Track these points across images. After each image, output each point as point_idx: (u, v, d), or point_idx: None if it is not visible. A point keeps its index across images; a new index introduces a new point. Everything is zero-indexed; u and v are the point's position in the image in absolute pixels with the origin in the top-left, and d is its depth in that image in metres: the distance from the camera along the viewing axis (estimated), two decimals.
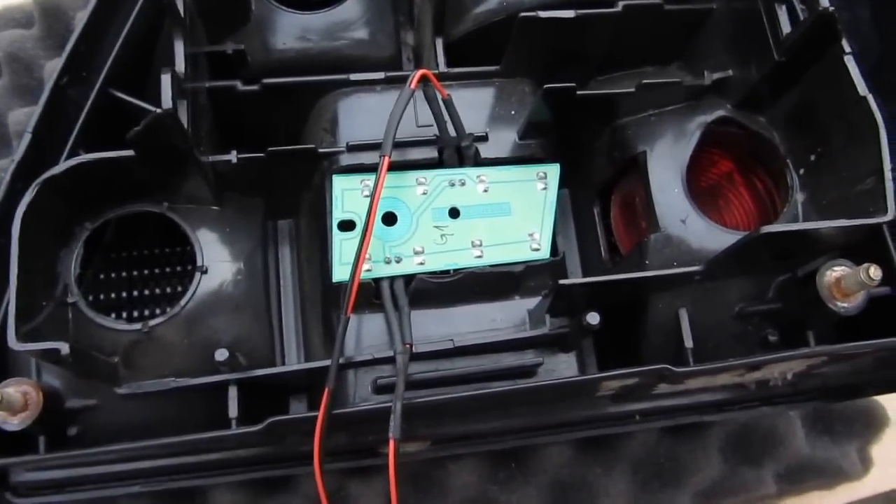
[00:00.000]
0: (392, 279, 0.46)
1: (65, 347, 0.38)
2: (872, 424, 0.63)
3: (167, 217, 0.46)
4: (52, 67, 0.64)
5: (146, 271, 0.50)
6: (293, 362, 0.52)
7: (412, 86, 0.43)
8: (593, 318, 0.41)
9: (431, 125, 0.47)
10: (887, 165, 0.38)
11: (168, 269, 0.50)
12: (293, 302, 0.53)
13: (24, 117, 0.62)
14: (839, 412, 0.63)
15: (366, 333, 0.47)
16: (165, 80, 0.38)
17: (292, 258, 0.54)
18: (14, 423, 0.43)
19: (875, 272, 0.38)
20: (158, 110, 0.38)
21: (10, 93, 0.64)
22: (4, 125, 0.63)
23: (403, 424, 0.40)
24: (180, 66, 0.41)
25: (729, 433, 0.62)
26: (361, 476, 0.57)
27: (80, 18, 0.63)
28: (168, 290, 0.50)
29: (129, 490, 0.52)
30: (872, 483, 0.63)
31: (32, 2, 0.66)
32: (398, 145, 0.46)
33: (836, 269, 0.40)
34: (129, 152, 0.41)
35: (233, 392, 0.44)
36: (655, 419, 0.54)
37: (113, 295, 0.50)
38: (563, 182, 0.51)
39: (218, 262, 0.47)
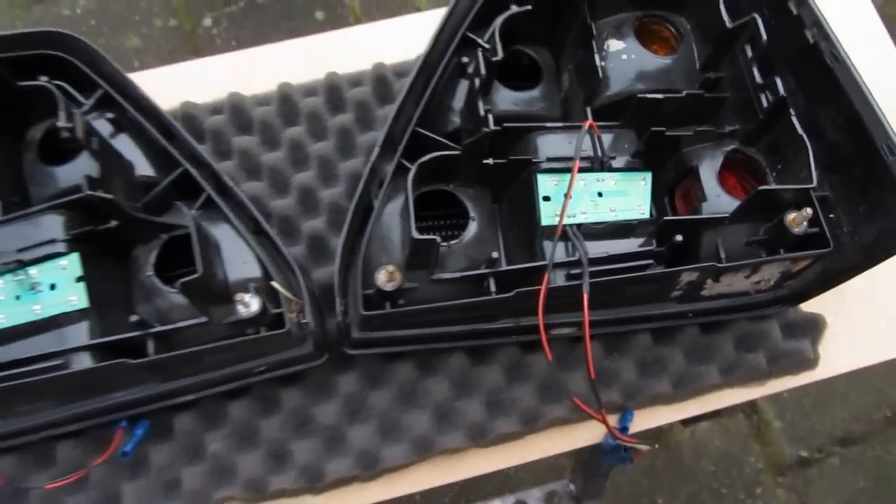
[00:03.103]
0: (572, 225, 0.78)
1: (438, 239, 0.74)
2: (816, 328, 0.90)
3: (451, 193, 0.85)
4: (381, 113, 1.00)
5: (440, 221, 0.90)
6: None
7: (584, 128, 0.85)
8: (679, 237, 0.81)
9: (587, 150, 0.79)
10: (812, 167, 0.76)
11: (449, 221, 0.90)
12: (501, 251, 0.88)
13: (369, 138, 0.96)
14: (798, 322, 0.89)
15: (558, 254, 0.81)
16: (489, 115, 0.80)
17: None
18: (389, 287, 0.71)
19: (807, 211, 0.77)
20: (486, 129, 0.79)
21: (355, 125, 0.97)
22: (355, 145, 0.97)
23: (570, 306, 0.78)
24: (482, 111, 0.82)
25: (737, 335, 0.87)
26: (533, 350, 0.90)
27: (403, 84, 0.94)
28: (449, 233, 0.89)
29: (410, 348, 0.83)
30: (821, 371, 0.90)
31: (324, 80, 1.03)
32: (571, 159, 0.87)
33: (791, 213, 0.78)
34: (458, 151, 0.81)
35: (491, 280, 0.79)
36: (699, 318, 0.90)
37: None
38: (652, 185, 0.82)
39: (477, 218, 0.85)
